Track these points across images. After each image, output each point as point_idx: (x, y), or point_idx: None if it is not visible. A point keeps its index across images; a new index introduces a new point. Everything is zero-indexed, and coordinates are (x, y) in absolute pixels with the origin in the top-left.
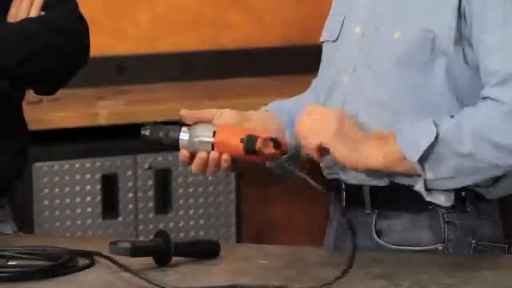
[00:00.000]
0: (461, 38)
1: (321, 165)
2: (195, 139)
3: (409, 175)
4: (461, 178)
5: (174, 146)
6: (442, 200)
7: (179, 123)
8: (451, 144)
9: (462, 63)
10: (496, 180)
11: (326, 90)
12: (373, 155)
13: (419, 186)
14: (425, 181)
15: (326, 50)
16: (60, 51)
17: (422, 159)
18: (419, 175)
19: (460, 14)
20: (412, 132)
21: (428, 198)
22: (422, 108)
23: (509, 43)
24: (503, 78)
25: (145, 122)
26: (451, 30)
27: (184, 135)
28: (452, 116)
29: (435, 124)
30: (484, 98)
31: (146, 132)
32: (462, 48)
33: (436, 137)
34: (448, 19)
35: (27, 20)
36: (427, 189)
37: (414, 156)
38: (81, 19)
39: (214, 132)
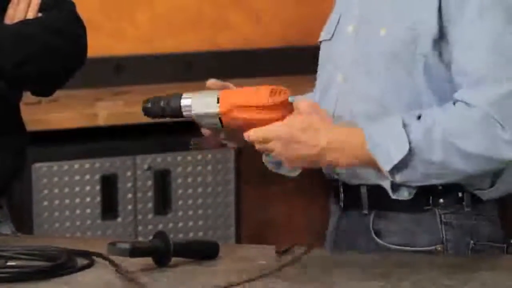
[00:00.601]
0: (441, 36)
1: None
2: (199, 109)
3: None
4: (428, 180)
5: (176, 115)
6: (406, 195)
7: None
8: (422, 153)
9: (438, 62)
10: (493, 183)
11: (322, 89)
12: (340, 160)
13: (386, 185)
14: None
15: (322, 49)
16: (57, 52)
17: (393, 168)
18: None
19: (441, 15)
20: (382, 138)
21: (394, 196)
22: (408, 105)
23: (482, 42)
24: (475, 80)
25: (145, 100)
26: (433, 30)
27: (186, 101)
28: (419, 116)
29: (406, 130)
30: (457, 100)
31: (147, 104)
32: (440, 46)
33: (409, 150)
34: (430, 17)
35: (24, 22)
36: (393, 187)
37: (386, 165)
38: (78, 21)
39: (218, 99)
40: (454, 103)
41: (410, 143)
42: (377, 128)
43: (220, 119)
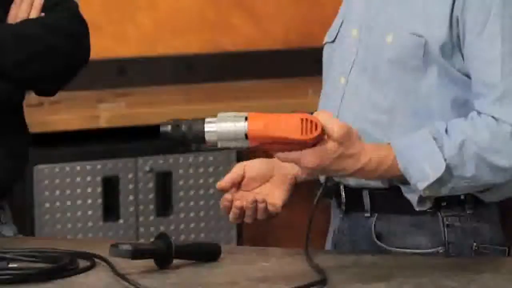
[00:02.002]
0: (453, 46)
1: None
2: (226, 143)
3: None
4: (454, 192)
5: (199, 141)
6: (428, 205)
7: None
8: (455, 170)
9: (454, 71)
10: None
11: (325, 93)
12: (368, 178)
13: (411, 197)
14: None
15: (325, 52)
16: (60, 52)
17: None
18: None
19: (452, 23)
20: (415, 156)
21: (417, 208)
22: (416, 112)
23: (508, 56)
24: (501, 95)
25: (162, 122)
26: (442, 37)
27: (211, 132)
28: (446, 130)
29: (439, 147)
30: (481, 113)
31: (166, 128)
32: (453, 56)
33: (445, 168)
34: (440, 26)
35: (27, 22)
36: (419, 200)
37: (420, 183)
38: (81, 20)
39: (246, 118)
40: (478, 114)
41: (445, 160)
42: (407, 144)
43: (247, 147)
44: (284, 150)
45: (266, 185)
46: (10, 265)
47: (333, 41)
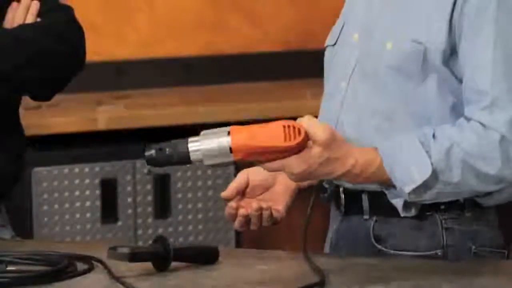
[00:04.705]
0: (452, 52)
1: None
2: (212, 161)
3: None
4: (440, 198)
5: (185, 161)
6: (413, 212)
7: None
8: (441, 174)
9: (453, 79)
10: (490, 191)
11: (326, 96)
12: (354, 181)
13: (397, 203)
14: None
15: (326, 55)
16: (56, 56)
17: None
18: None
19: (451, 29)
20: (401, 158)
21: (403, 214)
22: (416, 118)
23: (499, 63)
24: (491, 102)
25: (147, 145)
26: (442, 44)
27: (195, 152)
28: (434, 135)
29: (426, 151)
30: (470, 119)
31: (151, 152)
32: (452, 63)
33: (432, 172)
34: (440, 32)
35: (23, 26)
36: (405, 205)
37: (406, 187)
38: (77, 25)
39: (229, 133)
40: (467, 120)
41: (432, 164)
42: (394, 147)
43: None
44: (270, 159)
45: (269, 191)
46: (8, 268)
47: (334, 44)
